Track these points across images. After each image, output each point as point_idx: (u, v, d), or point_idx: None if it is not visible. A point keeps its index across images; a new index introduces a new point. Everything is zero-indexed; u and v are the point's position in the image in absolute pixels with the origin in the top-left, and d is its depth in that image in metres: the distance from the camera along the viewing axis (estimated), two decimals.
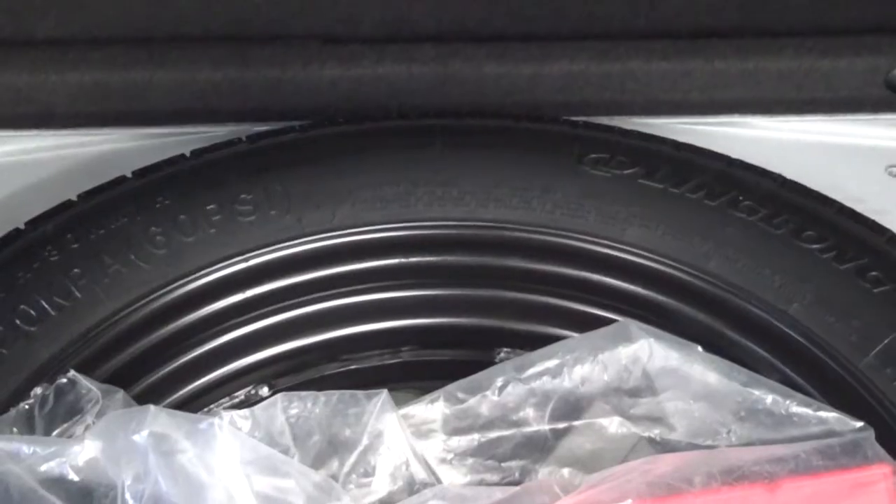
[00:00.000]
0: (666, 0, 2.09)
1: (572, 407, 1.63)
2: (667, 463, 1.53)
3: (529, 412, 1.63)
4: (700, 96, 2.09)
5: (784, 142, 2.05)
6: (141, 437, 1.50)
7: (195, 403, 1.72)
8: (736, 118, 2.09)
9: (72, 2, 2.08)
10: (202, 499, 1.48)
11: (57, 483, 1.49)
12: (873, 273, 1.71)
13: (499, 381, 1.63)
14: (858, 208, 1.81)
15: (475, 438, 1.63)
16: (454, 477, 1.61)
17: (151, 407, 1.54)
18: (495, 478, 1.61)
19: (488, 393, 1.63)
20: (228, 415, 1.54)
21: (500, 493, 1.53)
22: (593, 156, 1.82)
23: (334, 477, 1.55)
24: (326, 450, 1.58)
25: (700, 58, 2.10)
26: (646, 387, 1.62)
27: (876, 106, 2.09)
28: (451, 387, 1.64)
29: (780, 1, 2.10)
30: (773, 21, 2.10)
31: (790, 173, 1.85)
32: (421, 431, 1.62)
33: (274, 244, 1.75)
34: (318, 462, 1.56)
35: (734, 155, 1.88)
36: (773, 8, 2.10)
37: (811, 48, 2.10)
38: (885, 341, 1.65)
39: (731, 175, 1.83)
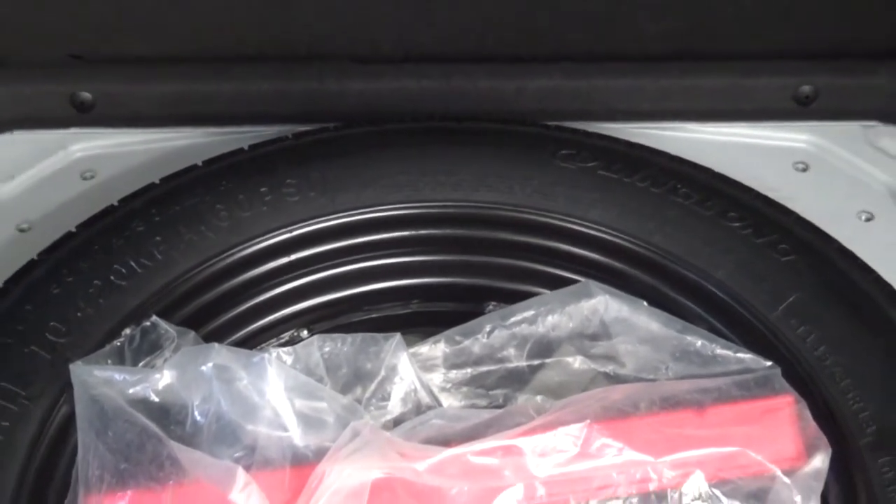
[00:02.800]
0: (621, 30, 2.08)
1: (544, 348, 1.64)
2: (618, 392, 1.54)
3: (511, 351, 1.64)
4: (649, 106, 2.09)
5: (714, 143, 2.05)
6: (207, 368, 1.52)
7: (250, 343, 1.73)
8: (676, 124, 2.08)
9: (156, 30, 2.08)
10: (254, 417, 1.50)
11: (141, 403, 1.49)
12: (782, 246, 1.72)
13: (487, 327, 1.64)
14: (771, 195, 1.81)
15: (468, 372, 1.64)
16: (452, 401, 1.63)
17: (215, 345, 1.56)
18: (484, 403, 1.62)
19: (479, 336, 1.64)
20: (276, 351, 1.56)
21: (487, 414, 1.54)
22: (563, 152, 1.83)
23: (358, 401, 1.56)
24: (352, 380, 1.59)
25: (649, 77, 2.10)
26: (602, 332, 1.63)
27: (785, 115, 2.09)
28: (449, 332, 1.65)
29: (711, 33, 2.09)
30: (706, 49, 2.10)
31: (718, 167, 1.85)
32: (426, 366, 1.63)
33: (312, 219, 1.76)
34: (345, 389, 1.57)
35: (674, 152, 1.88)
36: (706, 38, 2.09)
37: (735, 70, 2.10)
38: (790, 299, 1.65)
39: (672, 168, 1.83)
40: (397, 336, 1.61)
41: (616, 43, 2.10)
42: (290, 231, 1.75)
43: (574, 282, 1.68)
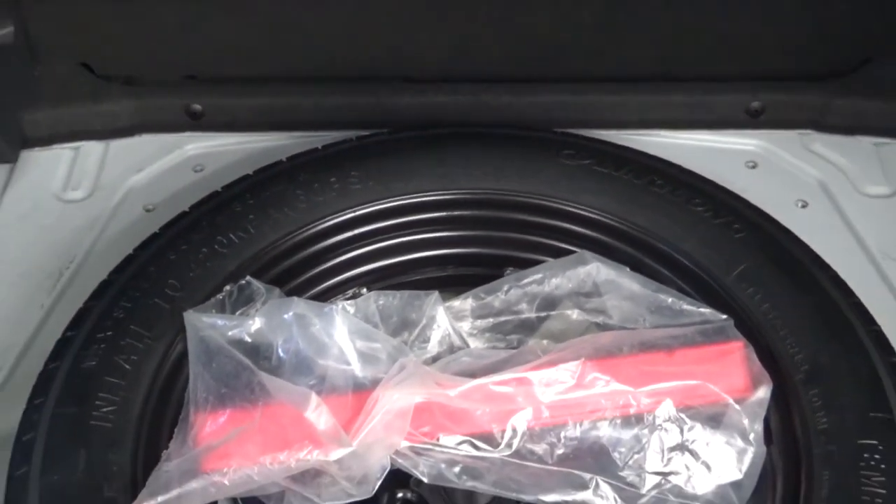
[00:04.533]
0: (611, 59, 2.07)
1: (549, 303, 1.62)
2: (606, 338, 1.53)
3: (523, 306, 1.63)
4: (632, 117, 2.08)
5: (683, 146, 2.04)
6: (288, 316, 1.52)
7: (322, 297, 1.72)
8: (654, 131, 2.07)
9: (252, 57, 2.08)
10: (324, 354, 1.50)
11: (237, 343, 1.50)
12: (736, 225, 1.71)
13: (505, 287, 1.64)
14: (727, 187, 1.80)
15: (490, 321, 1.63)
16: (477, 344, 1.62)
17: (295, 298, 1.57)
18: (502, 345, 1.61)
19: (499, 294, 1.63)
20: (341, 304, 1.57)
21: (504, 353, 1.54)
22: (566, 152, 1.82)
23: (404, 343, 1.56)
24: (400, 326, 1.59)
25: (632, 94, 2.09)
26: (594, 291, 1.61)
27: (739, 125, 2.08)
28: (476, 290, 1.64)
29: (680, 60, 2.08)
30: (677, 72, 2.09)
31: (686, 165, 1.84)
32: (457, 316, 1.62)
33: (370, 202, 1.76)
34: (395, 333, 1.57)
35: (652, 153, 1.87)
36: (676, 64, 2.08)
37: (699, 89, 2.09)
38: (741, 267, 1.64)
39: (650, 165, 1.82)
40: (435, 293, 1.61)
41: (607, 68, 2.10)
42: (354, 211, 1.75)
43: (573, 252, 1.67)
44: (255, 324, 1.52)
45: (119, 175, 2.01)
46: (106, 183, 2.00)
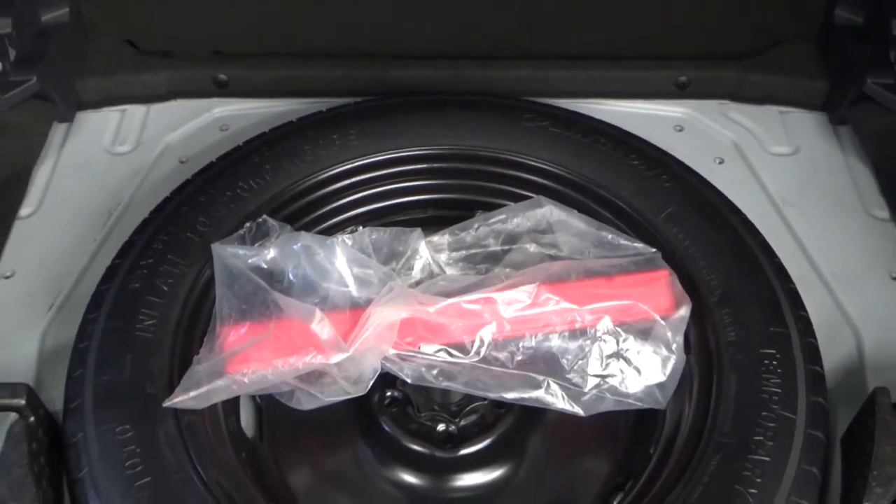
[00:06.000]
0: (565, 41, 2.05)
1: (511, 238, 1.62)
2: (557, 266, 1.53)
3: (490, 240, 1.62)
4: (581, 89, 2.04)
5: (622, 113, 2.01)
6: (297, 247, 1.51)
7: (325, 232, 1.68)
8: (599, 100, 2.04)
9: (269, 36, 2.06)
10: (327, 277, 1.50)
11: (256, 269, 1.49)
12: (664, 177, 1.70)
13: (476, 225, 1.63)
14: (658, 146, 1.78)
15: (463, 253, 1.62)
16: (452, 271, 1.60)
17: (303, 233, 1.56)
18: (472, 272, 1.59)
19: (470, 231, 1.62)
20: (341, 237, 1.55)
21: (474, 278, 1.53)
22: (526, 116, 1.80)
23: (393, 270, 1.55)
24: (389, 257, 1.58)
25: (582, 70, 2.06)
26: (548, 229, 1.61)
27: (669, 95, 2.06)
28: (451, 228, 1.63)
29: (621, 43, 2.06)
30: (618, 52, 2.07)
31: (625, 128, 1.82)
32: (436, 249, 1.61)
33: (365, 155, 1.74)
34: (385, 262, 1.56)
35: (597, 118, 1.85)
36: (618, 46, 2.06)
37: (637, 66, 2.07)
38: (668, 210, 1.64)
39: (595, 127, 1.80)
40: (418, 230, 1.59)
41: (562, 48, 2.07)
42: (352, 163, 1.73)
43: (531, 197, 1.66)
44: (270, 253, 1.51)
45: (158, 133, 1.99)
46: (147, 139, 1.98)
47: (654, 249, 1.56)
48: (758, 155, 1.94)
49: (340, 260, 1.50)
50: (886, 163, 1.89)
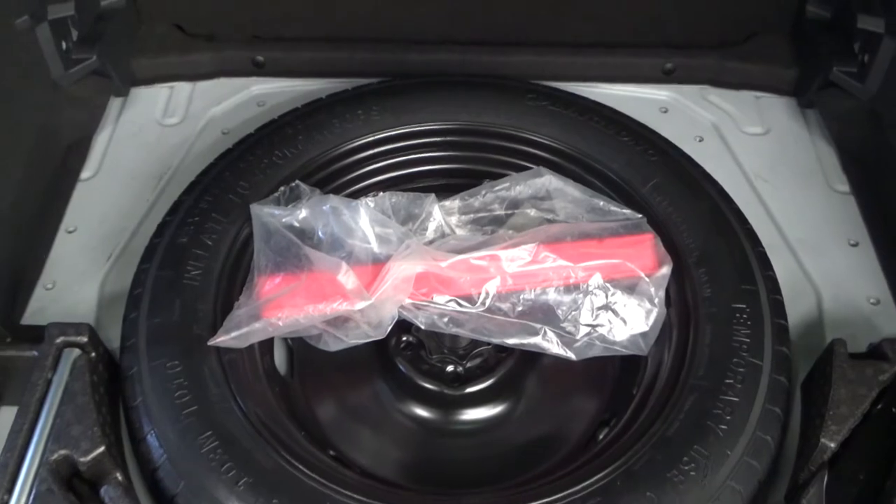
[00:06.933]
0: (564, 30, 2.02)
1: (514, 204, 1.61)
2: (555, 229, 1.53)
3: (496, 205, 1.61)
4: (578, 73, 2.01)
5: (614, 95, 1.98)
6: (326, 208, 1.51)
7: (350, 196, 1.66)
8: (594, 84, 2.01)
9: (302, 22, 2.03)
10: (352, 235, 1.49)
11: (289, 227, 1.50)
12: (650, 152, 1.68)
13: (483, 192, 1.61)
14: (646, 124, 1.76)
15: (472, 216, 1.61)
16: (462, 232, 1.59)
17: (331, 195, 1.55)
18: (480, 233, 1.58)
19: (479, 196, 1.61)
20: (364, 200, 1.55)
21: (481, 238, 1.53)
22: (529, 96, 1.77)
23: (410, 230, 1.55)
24: (406, 218, 1.57)
25: (579, 56, 2.03)
26: (547, 196, 1.60)
27: (656, 80, 2.03)
28: (461, 194, 1.62)
29: (614, 32, 2.03)
30: (611, 41, 2.03)
31: (616, 108, 1.79)
32: (448, 212, 1.60)
33: (388, 128, 1.72)
34: (403, 223, 1.55)
35: (594, 99, 1.83)
36: (611, 35, 2.03)
37: (628, 53, 2.03)
38: (654, 181, 1.62)
39: (589, 107, 1.77)
40: (433, 195, 1.59)
41: (561, 37, 2.04)
42: (374, 135, 1.71)
43: (532, 168, 1.65)
44: (302, 213, 1.51)
45: (203, 107, 1.97)
46: (193, 113, 1.96)
47: (640, 215, 1.55)
48: (734, 134, 1.92)
49: (364, 220, 1.49)
50: (848, 142, 1.87)
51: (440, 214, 1.57)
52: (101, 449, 1.26)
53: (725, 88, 2.02)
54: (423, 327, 1.44)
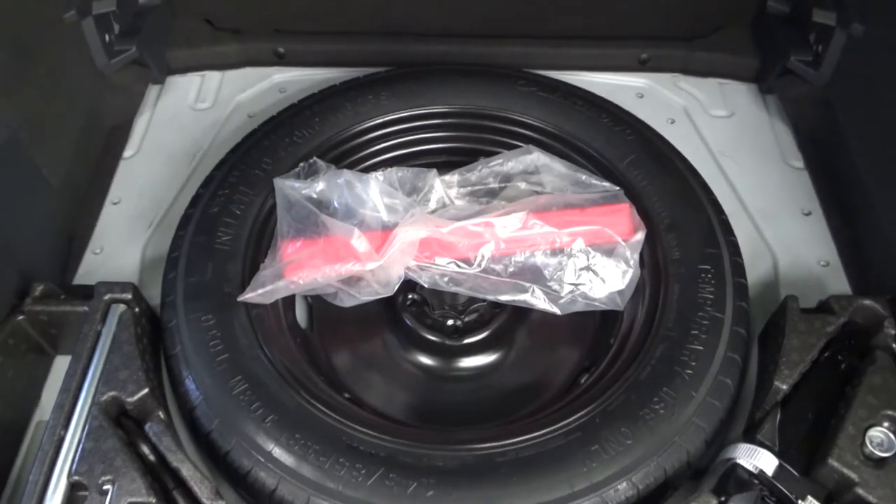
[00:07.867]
0: (551, 24, 2.00)
1: (506, 178, 1.60)
2: (543, 199, 1.52)
3: (490, 179, 1.60)
4: (563, 62, 1.99)
5: (595, 82, 1.97)
6: (341, 181, 1.51)
7: (363, 171, 1.65)
8: (578, 72, 1.99)
9: (318, 17, 2.01)
10: (363, 205, 1.49)
11: (309, 198, 1.50)
12: (627, 132, 1.65)
13: (479, 167, 1.61)
14: (624, 108, 1.74)
15: (469, 189, 1.60)
16: (461, 203, 1.59)
17: (345, 170, 1.54)
18: (476, 204, 1.58)
19: (475, 171, 1.61)
20: (374, 174, 1.54)
21: (478, 207, 1.53)
22: (519, 82, 1.75)
23: (414, 201, 1.54)
24: (412, 191, 1.56)
25: (563, 47, 2.01)
26: (536, 171, 1.59)
27: (632, 69, 2.01)
28: (460, 169, 1.61)
29: (595, 26, 2.00)
30: (592, 34, 2.01)
31: (599, 93, 1.77)
32: (448, 186, 1.60)
33: (395, 111, 1.70)
34: (408, 195, 1.55)
35: (577, 85, 1.81)
36: (592, 29, 2.00)
37: (607, 45, 2.01)
38: (630, 157, 1.60)
39: (573, 92, 1.75)
40: (434, 170, 1.58)
41: (547, 30, 2.01)
42: (383, 117, 1.70)
43: (522, 146, 1.64)
44: (320, 186, 1.51)
45: (230, 94, 1.95)
46: (222, 99, 1.94)
47: (617, 187, 1.54)
48: (701, 117, 1.90)
49: (374, 192, 1.49)
50: (803, 124, 1.86)
51: (441, 187, 1.57)
52: (146, 391, 1.27)
53: (694, 76, 2.00)
54: (426, 286, 1.44)
